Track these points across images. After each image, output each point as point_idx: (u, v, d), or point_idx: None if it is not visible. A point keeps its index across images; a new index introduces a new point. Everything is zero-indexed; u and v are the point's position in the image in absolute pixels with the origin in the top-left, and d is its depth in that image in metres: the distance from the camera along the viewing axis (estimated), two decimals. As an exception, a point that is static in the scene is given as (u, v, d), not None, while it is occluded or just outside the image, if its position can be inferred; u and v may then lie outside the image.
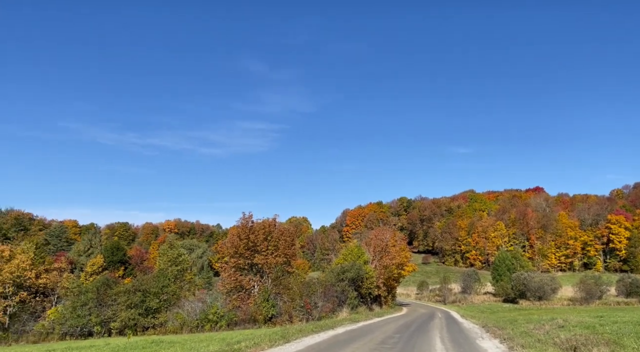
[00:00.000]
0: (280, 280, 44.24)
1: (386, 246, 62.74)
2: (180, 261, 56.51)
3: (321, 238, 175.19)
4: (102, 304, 43.99)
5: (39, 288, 50.58)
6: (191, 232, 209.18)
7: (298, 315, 40.03)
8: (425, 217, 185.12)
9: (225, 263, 47.68)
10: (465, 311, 55.28)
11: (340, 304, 44.75)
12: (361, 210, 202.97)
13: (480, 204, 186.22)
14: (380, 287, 57.00)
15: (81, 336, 43.17)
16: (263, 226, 47.97)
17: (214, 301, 43.11)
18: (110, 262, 61.15)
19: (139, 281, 47.25)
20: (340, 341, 17.70)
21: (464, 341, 19.83)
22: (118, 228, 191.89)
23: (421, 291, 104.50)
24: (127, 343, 23.57)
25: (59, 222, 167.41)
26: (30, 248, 51.64)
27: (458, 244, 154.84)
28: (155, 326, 43.21)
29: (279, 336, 17.41)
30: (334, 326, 25.23)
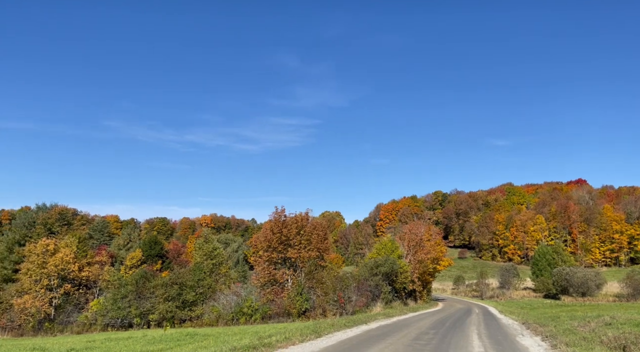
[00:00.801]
0: (314, 274, 44.13)
1: (421, 240, 61.71)
2: (215, 254, 57.29)
3: (354, 233, 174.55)
4: (141, 296, 45.08)
5: (82, 281, 52.37)
6: (227, 227, 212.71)
7: (332, 309, 39.86)
8: (461, 211, 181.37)
9: (258, 257, 47.97)
10: (504, 307, 53.72)
11: (374, 298, 44.31)
12: (395, 204, 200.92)
13: (518, 197, 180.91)
14: (415, 281, 56.15)
15: (122, 327, 44.44)
16: (295, 220, 47.96)
17: (249, 295, 43.41)
18: (149, 256, 62.78)
19: (176, 275, 48.19)
20: (373, 337, 17.30)
21: (502, 338, 19.05)
22: (157, 223, 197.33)
23: (457, 286, 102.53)
24: (163, 335, 23.94)
25: (101, 217, 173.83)
26: (73, 242, 53.45)
27: (495, 238, 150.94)
28: (192, 318, 43.99)
29: (310, 331, 17.18)
30: (367, 320, 24.81)
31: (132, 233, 77.22)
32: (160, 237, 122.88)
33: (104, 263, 56.76)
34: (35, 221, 61.66)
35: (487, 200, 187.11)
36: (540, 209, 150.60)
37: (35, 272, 48.70)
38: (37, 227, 60.36)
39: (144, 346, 19.10)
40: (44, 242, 50.96)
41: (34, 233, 58.12)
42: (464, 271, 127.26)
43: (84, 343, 23.36)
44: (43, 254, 49.79)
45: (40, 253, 49.67)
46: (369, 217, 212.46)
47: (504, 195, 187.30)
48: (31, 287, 48.31)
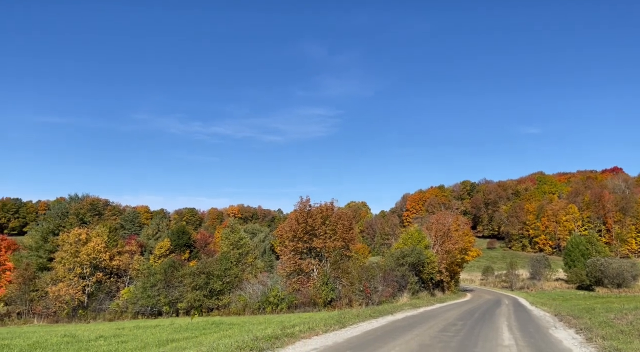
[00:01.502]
0: (339, 264, 43.94)
1: (448, 230, 60.74)
2: (241, 244, 57.74)
3: (381, 223, 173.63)
4: (169, 285, 45.85)
5: (113, 269, 53.67)
6: (254, 217, 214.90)
7: (358, 299, 39.65)
8: (490, 201, 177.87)
9: (284, 247, 48.07)
10: (535, 298, 52.41)
11: (400, 289, 43.84)
12: (422, 194, 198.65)
13: (550, 187, 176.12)
14: (443, 272, 55.36)
15: (151, 315, 45.35)
16: (320, 210, 47.79)
17: (275, 284, 43.59)
18: (177, 246, 63.83)
19: (203, 264, 48.76)
20: (399, 327, 16.93)
21: (534, 330, 18.39)
22: (186, 213, 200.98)
23: (486, 277, 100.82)
24: (190, 324, 24.16)
25: (132, 208, 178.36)
26: (104, 232, 54.76)
27: (526, 228, 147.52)
28: (219, 307, 44.47)
29: (334, 321, 16.93)
30: (393, 311, 24.42)
31: (161, 223, 78.71)
32: (189, 227, 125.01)
33: (134, 252, 57.99)
34: (68, 211, 63.56)
35: (517, 189, 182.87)
36: (573, 199, 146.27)
37: (68, 261, 50.14)
38: (69, 217, 62.07)
39: (170, 334, 19.26)
40: (76, 232, 52.39)
41: (67, 223, 59.75)
42: (492, 261, 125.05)
43: (113, 330, 23.80)
44: (75, 243, 51.20)
45: (73, 242, 51.09)
46: (396, 208, 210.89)
47: (534, 184, 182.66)
48: (65, 275, 49.77)
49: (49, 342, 16.95)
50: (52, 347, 15.93)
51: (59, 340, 17.93)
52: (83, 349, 15.20)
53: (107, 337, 18.42)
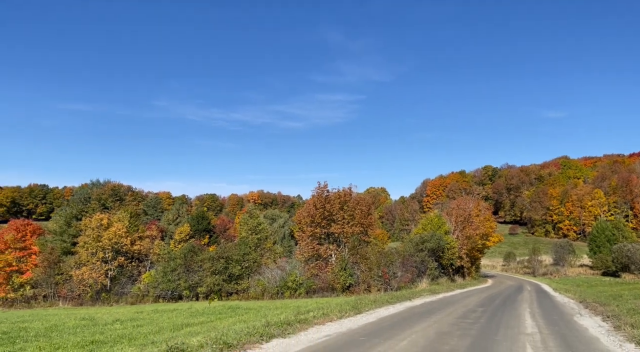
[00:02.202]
0: (357, 249, 43.63)
1: (469, 215, 59.69)
2: (260, 229, 57.85)
3: (400, 209, 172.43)
4: (189, 269, 46.26)
5: (134, 254, 54.47)
6: (273, 203, 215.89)
7: (376, 285, 39.32)
8: (513, 186, 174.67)
9: (302, 232, 47.94)
10: (558, 284, 51.32)
11: (419, 274, 43.35)
12: (442, 180, 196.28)
13: (575, 171, 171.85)
14: (463, 258, 54.55)
15: (172, 299, 45.91)
16: (338, 196, 47.40)
17: (293, 269, 43.58)
18: (196, 231, 64.40)
19: (222, 249, 49.03)
20: (416, 314, 16.48)
21: (558, 317, 17.73)
22: (207, 199, 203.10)
23: (508, 263, 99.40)
24: (207, 308, 24.19)
25: (154, 194, 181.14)
26: (125, 217, 55.49)
27: (549, 213, 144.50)
28: (238, 291, 44.70)
29: (350, 307, 16.57)
30: (411, 297, 23.96)
31: (181, 208, 79.57)
32: (210, 213, 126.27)
33: (154, 237, 58.71)
34: (91, 196, 64.64)
35: (541, 174, 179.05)
36: (599, 183, 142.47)
37: (91, 245, 51.04)
38: (92, 203, 63.17)
39: (186, 318, 19.25)
40: (98, 217, 53.23)
41: (90, 208, 60.86)
42: (514, 247, 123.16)
43: (132, 314, 24.00)
44: (97, 228, 52.04)
45: (95, 227, 51.94)
46: (415, 193, 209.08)
47: (558, 169, 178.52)
48: (88, 259, 50.72)
49: (67, 326, 17.08)
50: (68, 330, 16.03)
51: (76, 323, 18.07)
52: (98, 332, 15.22)
53: (123, 321, 18.50)
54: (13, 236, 54.47)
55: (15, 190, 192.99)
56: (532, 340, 11.51)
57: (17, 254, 53.53)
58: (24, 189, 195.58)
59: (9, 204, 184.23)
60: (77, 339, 13.46)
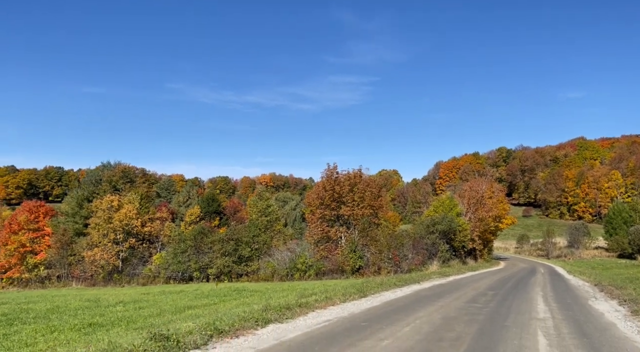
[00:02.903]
0: (367, 232, 43.25)
1: (482, 197, 58.77)
2: (269, 211, 57.66)
3: (412, 191, 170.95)
4: (199, 251, 46.39)
5: (145, 235, 54.78)
6: (285, 186, 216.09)
7: (386, 267, 38.99)
8: (527, 168, 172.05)
9: (311, 214, 47.63)
10: (572, 267, 50.45)
11: (430, 257, 42.87)
12: (455, 162, 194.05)
13: (591, 152, 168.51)
14: (475, 240, 53.84)
15: (182, 280, 46.15)
16: (348, 178, 46.84)
17: (303, 251, 43.44)
18: (207, 213, 64.52)
19: (232, 231, 49.07)
20: (423, 298, 15.97)
21: (572, 301, 17.09)
22: (219, 182, 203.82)
23: (521, 245, 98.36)
24: (213, 290, 24.01)
25: (167, 176, 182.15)
26: (135, 199, 55.68)
27: (564, 195, 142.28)
28: (248, 273, 44.77)
29: (355, 290, 16.10)
30: (420, 279, 23.45)
31: (191, 191, 79.74)
32: (222, 195, 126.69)
33: (165, 219, 58.93)
34: (102, 178, 64.97)
35: (556, 156, 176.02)
36: (617, 164, 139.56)
37: (102, 227, 51.40)
38: (103, 185, 63.45)
39: (190, 301, 19.03)
40: (108, 199, 53.49)
41: (101, 190, 61.14)
42: (528, 229, 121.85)
43: (138, 295, 23.95)
44: (108, 209, 52.33)
45: (105, 209, 52.23)
46: (428, 176, 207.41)
47: (574, 150, 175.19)
48: (100, 240, 51.15)
49: (69, 307, 16.98)
50: (69, 312, 15.88)
51: (80, 305, 17.98)
52: (98, 315, 15.03)
53: (127, 303, 18.33)
54: (26, 217, 55.07)
55: (32, 172, 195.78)
56: (544, 326, 10.93)
57: (31, 235, 54.15)
58: (40, 171, 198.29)
59: (26, 186, 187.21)
60: (76, 322, 13.27)
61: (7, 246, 52.86)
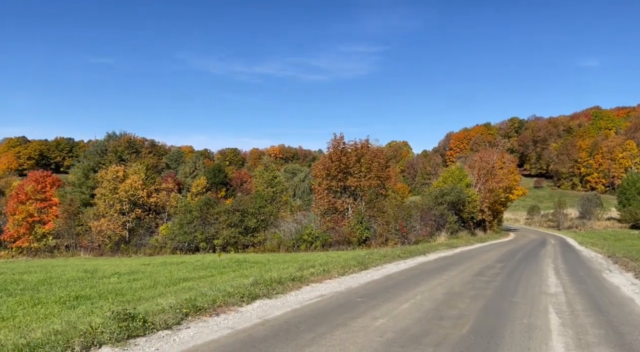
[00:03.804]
0: (374, 203, 42.66)
1: (492, 168, 57.49)
2: (275, 182, 56.99)
3: (422, 162, 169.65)
4: (205, 222, 46.15)
5: (151, 206, 54.60)
6: (294, 158, 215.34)
7: (393, 238, 38.52)
8: (539, 139, 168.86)
9: (318, 185, 46.98)
10: (584, 238, 49.52)
11: (438, 228, 42.23)
12: (466, 132, 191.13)
13: (606, 122, 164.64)
14: (485, 211, 52.94)
15: (189, 250, 46.13)
16: (355, 148, 45.87)
17: (310, 222, 43.05)
18: (213, 184, 64.04)
19: (238, 202, 48.69)
20: (427, 270, 15.22)
21: (585, 274, 16.26)
22: (229, 153, 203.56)
23: (532, 216, 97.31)
24: (214, 261, 23.56)
25: (177, 147, 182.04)
26: (141, 169, 55.25)
27: (577, 166, 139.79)
28: (254, 244, 44.57)
29: (356, 262, 15.37)
30: (426, 251, 22.72)
31: (198, 161, 79.21)
32: (232, 167, 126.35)
33: (171, 190, 58.61)
34: (107, 148, 64.60)
35: (570, 126, 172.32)
36: (632, 134, 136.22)
37: (108, 197, 51.24)
38: (108, 155, 63.10)
39: (188, 272, 18.55)
40: (113, 169, 53.15)
41: (106, 160, 60.87)
42: (539, 200, 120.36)
43: (138, 266, 23.59)
44: (114, 180, 52.04)
45: (111, 179, 51.95)
46: (438, 147, 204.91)
47: (589, 120, 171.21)
48: (106, 210, 51.08)
49: (63, 278, 16.59)
50: (61, 283, 15.45)
51: (74, 276, 17.59)
52: (89, 287, 14.56)
53: (122, 275, 17.90)
54: (33, 187, 55.02)
55: (43, 143, 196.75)
56: (556, 302, 10.12)
57: (38, 205, 54.23)
58: (51, 142, 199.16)
59: (38, 156, 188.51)
60: (63, 294, 12.79)
61: (15, 215, 53.06)
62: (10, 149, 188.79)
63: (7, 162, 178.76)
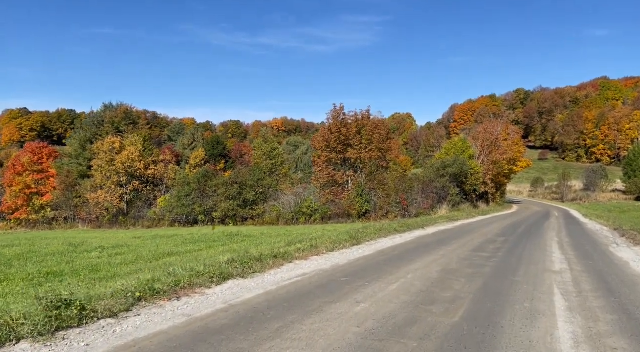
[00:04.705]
0: (375, 175, 41.80)
1: (496, 139, 56.22)
2: (274, 155, 55.97)
3: (426, 135, 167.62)
4: (204, 195, 45.54)
5: (149, 178, 53.88)
6: (297, 130, 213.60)
7: (393, 211, 37.81)
8: (545, 110, 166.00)
9: (317, 157, 46.03)
10: (588, 210, 48.65)
11: (440, 201, 41.48)
12: (471, 104, 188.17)
13: (614, 92, 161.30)
14: (488, 183, 52.00)
15: (187, 223, 45.63)
16: (355, 119, 44.63)
17: (309, 195, 42.39)
18: (212, 156, 63.10)
19: (236, 174, 47.94)
20: (424, 245, 14.37)
21: (591, 248, 15.38)
22: (231, 126, 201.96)
23: (535, 189, 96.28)
24: (205, 235, 22.86)
25: (179, 119, 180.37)
26: (138, 141, 54.29)
27: (583, 137, 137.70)
28: (253, 217, 44.02)
29: (348, 237, 14.51)
30: (425, 224, 21.88)
31: (196, 133, 78.01)
32: (234, 139, 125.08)
33: (169, 162, 57.76)
34: (104, 119, 63.44)
35: (576, 97, 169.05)
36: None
37: (104, 169, 50.51)
38: (105, 126, 62.02)
39: (175, 246, 17.83)
40: (110, 141, 52.20)
41: (103, 131, 59.88)
42: (543, 172, 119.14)
43: (130, 239, 22.97)
44: (110, 151, 51.16)
45: (107, 151, 51.07)
46: (442, 119, 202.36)
47: (596, 90, 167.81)
48: (103, 182, 50.43)
49: (42, 252, 15.94)
50: (38, 257, 14.75)
51: (56, 249, 16.95)
52: (66, 262, 13.85)
53: (107, 249, 17.19)
54: (29, 158, 54.32)
55: (45, 115, 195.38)
56: (562, 281, 9.25)
57: (35, 177, 53.67)
58: (53, 114, 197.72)
59: (40, 128, 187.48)
60: (35, 270, 12.06)
61: (12, 187, 52.58)
62: (11, 121, 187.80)
63: (9, 133, 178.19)
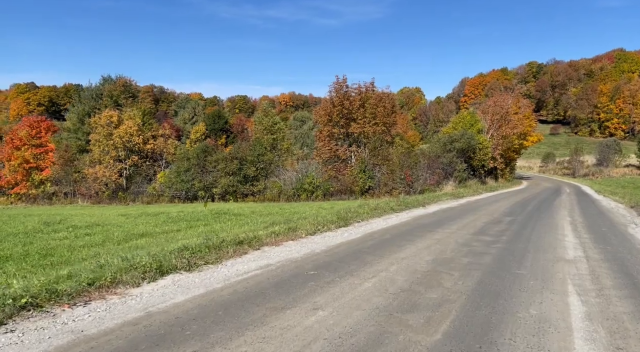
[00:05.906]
0: (378, 150, 40.28)
1: (506, 113, 54.00)
2: (275, 129, 54.39)
3: (435, 109, 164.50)
4: (204, 170, 44.51)
5: (148, 153, 52.72)
6: (305, 105, 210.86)
7: (398, 188, 36.39)
8: (558, 83, 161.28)
9: (319, 132, 44.47)
10: (601, 186, 46.72)
11: (446, 177, 39.93)
12: (482, 78, 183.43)
13: (630, 65, 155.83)
14: (497, 159, 50.16)
15: (187, 199, 44.70)
16: (359, 92, 42.82)
17: (311, 171, 41.08)
18: (212, 130, 61.66)
19: (236, 149, 46.78)
20: (420, 226, 12.89)
21: (608, 229, 13.80)
22: (238, 101, 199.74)
23: (546, 164, 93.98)
24: (192, 213, 21.61)
25: (186, 94, 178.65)
26: (137, 115, 52.93)
27: (596, 111, 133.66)
28: (254, 193, 43.04)
29: (336, 218, 13.05)
30: (427, 202, 20.36)
31: (197, 107, 76.33)
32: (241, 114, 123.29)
33: (168, 136, 56.46)
34: (102, 93, 61.99)
35: (591, 69, 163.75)
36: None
37: (102, 143, 49.37)
38: (103, 100, 60.63)
39: (153, 226, 16.59)
40: (107, 114, 50.89)
41: (102, 105, 58.57)
42: (555, 147, 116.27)
43: (115, 217, 21.82)
44: (108, 125, 49.91)
45: (105, 124, 49.82)
46: (452, 94, 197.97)
47: (612, 62, 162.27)
48: (102, 157, 49.38)
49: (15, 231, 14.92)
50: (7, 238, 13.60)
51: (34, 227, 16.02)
52: (24, 243, 12.63)
53: (80, 228, 16.01)
54: (27, 132, 53.31)
55: (52, 89, 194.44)
56: (576, 273, 7.78)
57: (34, 151, 52.76)
58: (60, 89, 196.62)
59: (47, 103, 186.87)
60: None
61: (10, 161, 51.79)
62: (19, 96, 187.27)
63: (17, 108, 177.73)
